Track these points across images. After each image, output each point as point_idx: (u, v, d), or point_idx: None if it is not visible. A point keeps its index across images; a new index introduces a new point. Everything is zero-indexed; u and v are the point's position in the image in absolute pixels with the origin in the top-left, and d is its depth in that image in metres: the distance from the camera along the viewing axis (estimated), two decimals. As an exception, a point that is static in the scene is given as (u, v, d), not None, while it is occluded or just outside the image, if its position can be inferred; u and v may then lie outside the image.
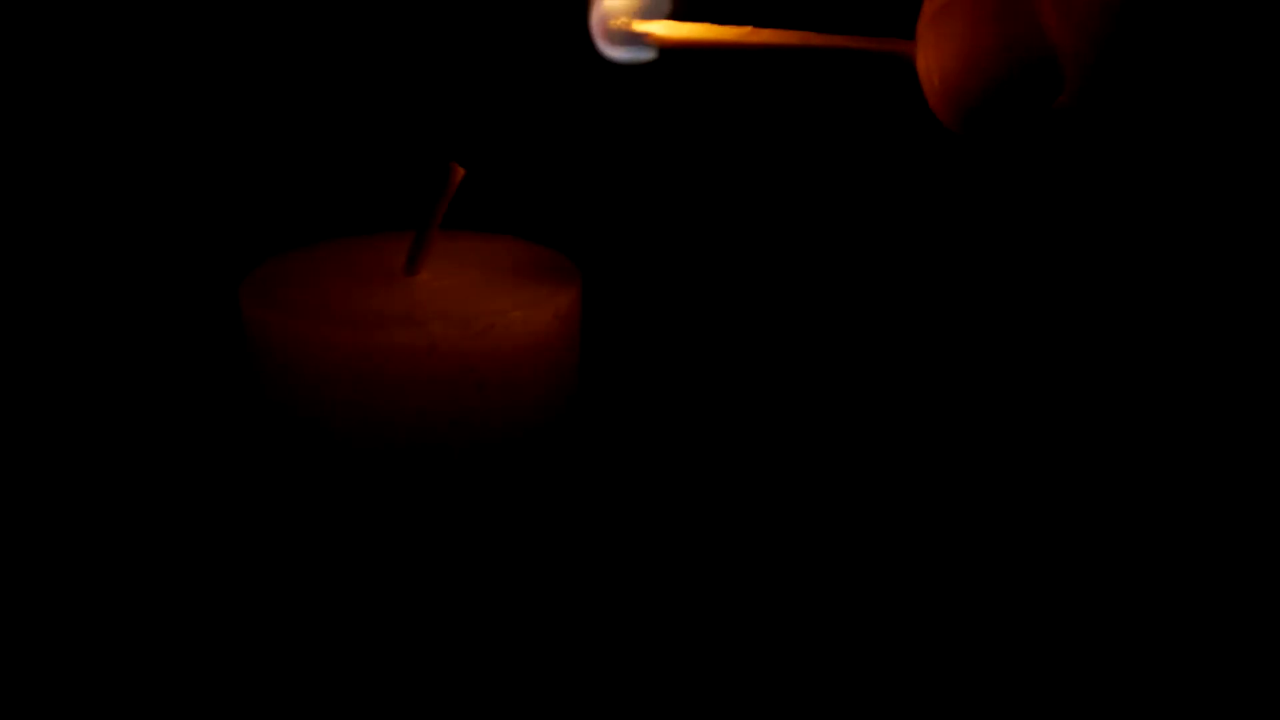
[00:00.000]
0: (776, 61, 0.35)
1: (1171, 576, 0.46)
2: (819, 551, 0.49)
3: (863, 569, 0.48)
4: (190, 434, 0.53)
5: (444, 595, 0.37)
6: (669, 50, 0.36)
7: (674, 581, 0.47)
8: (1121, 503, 0.50)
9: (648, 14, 0.36)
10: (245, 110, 0.58)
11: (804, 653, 0.44)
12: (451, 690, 0.38)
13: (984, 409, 0.55)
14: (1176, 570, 0.46)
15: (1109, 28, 0.27)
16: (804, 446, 0.54)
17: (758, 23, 0.35)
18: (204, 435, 0.52)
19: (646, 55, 0.37)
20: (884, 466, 0.53)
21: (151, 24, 0.57)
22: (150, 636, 0.44)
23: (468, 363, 0.35)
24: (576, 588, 0.41)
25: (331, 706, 0.38)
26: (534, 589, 0.38)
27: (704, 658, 0.44)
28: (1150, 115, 0.28)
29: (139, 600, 0.45)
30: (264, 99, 0.58)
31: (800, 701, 0.42)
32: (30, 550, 0.47)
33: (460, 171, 0.37)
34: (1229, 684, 0.42)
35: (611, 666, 0.43)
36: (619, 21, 0.36)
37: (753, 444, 0.55)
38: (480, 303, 0.36)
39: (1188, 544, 0.48)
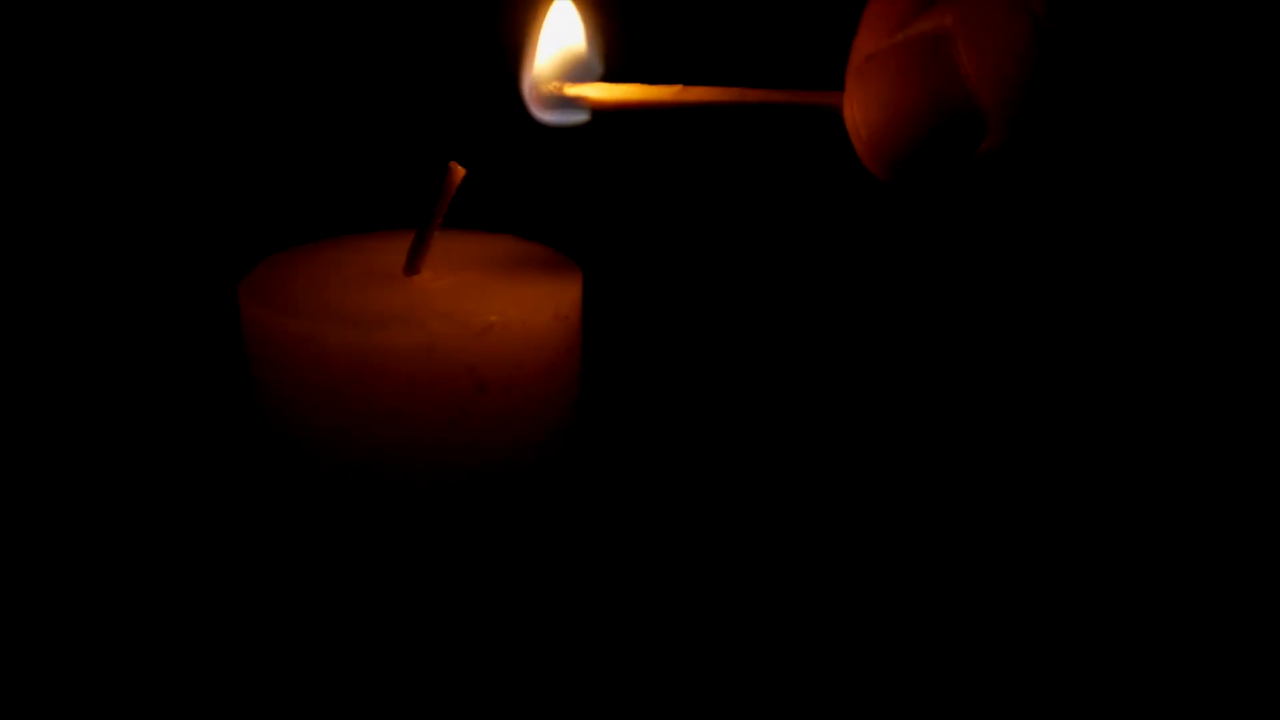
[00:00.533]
0: (710, 117, 0.35)
1: (1171, 577, 0.46)
2: (820, 554, 0.48)
3: (864, 572, 0.47)
4: (188, 433, 0.53)
5: (444, 597, 0.37)
6: (602, 112, 0.37)
7: (675, 582, 0.47)
8: (1119, 502, 0.50)
9: (579, 77, 0.37)
10: (245, 110, 0.58)
11: (805, 660, 0.44)
12: (449, 695, 0.38)
13: (985, 410, 0.55)
14: (1176, 570, 0.46)
15: (1026, 76, 0.28)
16: (805, 447, 0.54)
17: (687, 80, 0.36)
18: (202, 434, 0.52)
19: (579, 118, 0.37)
20: (882, 466, 0.53)
21: (151, 24, 0.57)
22: (144, 632, 0.43)
23: (468, 363, 0.35)
24: (576, 590, 0.41)
25: (329, 709, 0.38)
26: (534, 592, 0.38)
27: (703, 664, 0.44)
28: (1073, 157, 0.28)
29: (134, 596, 0.45)
30: (264, 99, 0.58)
31: (799, 708, 0.42)
32: (26, 542, 0.47)
33: (460, 171, 0.37)
34: (1229, 684, 0.42)
35: (610, 672, 0.43)
36: (550, 86, 0.37)
37: (755, 444, 0.55)
38: (480, 303, 0.36)
39: (1188, 544, 0.48)
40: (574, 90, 0.36)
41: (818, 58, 0.37)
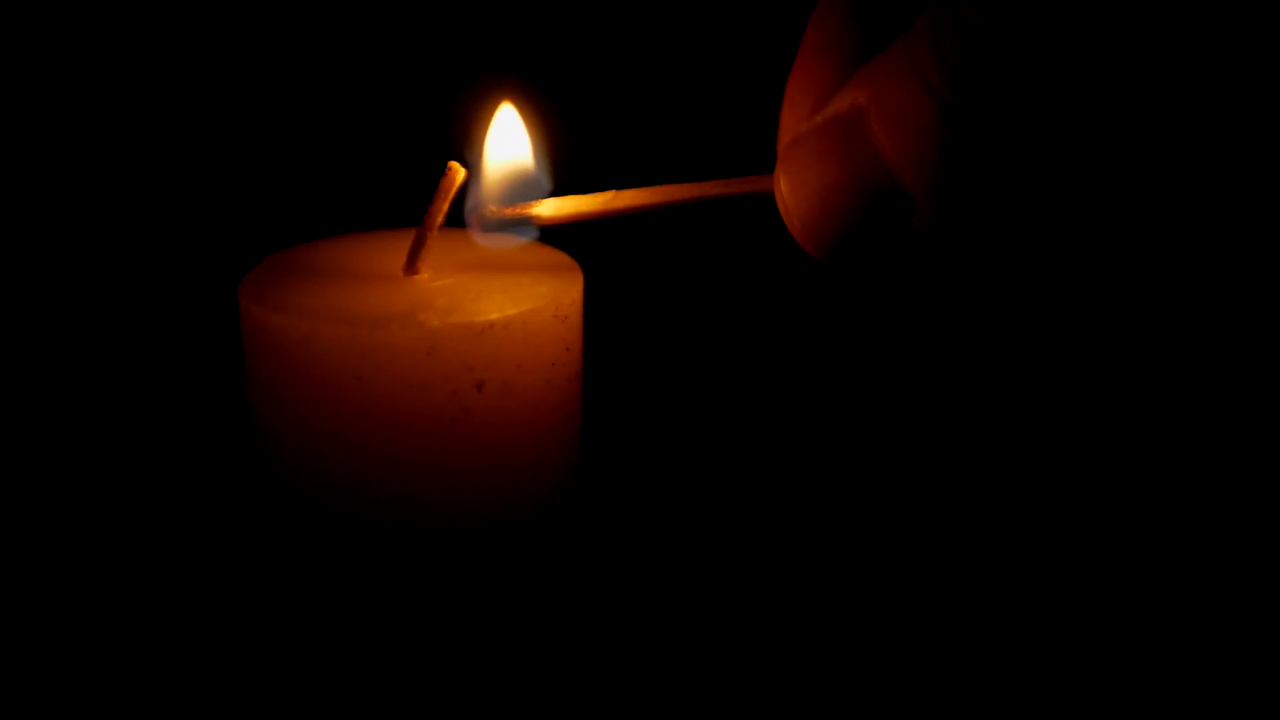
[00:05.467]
0: (644, 218, 0.36)
1: (1171, 577, 0.46)
2: (820, 554, 0.48)
3: (864, 572, 0.47)
4: (187, 433, 0.53)
5: (443, 594, 0.37)
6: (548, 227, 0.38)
7: (673, 582, 0.47)
8: (1118, 503, 0.50)
9: (528, 195, 0.38)
10: (245, 110, 0.58)
11: (803, 658, 0.44)
12: (449, 698, 0.38)
13: (984, 413, 0.55)
14: (1176, 570, 0.46)
15: (937, 152, 0.28)
16: (805, 447, 0.54)
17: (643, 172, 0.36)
18: (201, 433, 0.52)
19: (530, 235, 0.38)
20: (881, 464, 0.53)
21: (151, 24, 0.57)
22: (140, 626, 0.43)
23: (468, 363, 0.35)
24: (574, 591, 0.41)
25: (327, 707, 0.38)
26: (532, 590, 0.38)
27: (706, 670, 0.44)
28: (1000, 217, 0.29)
29: (132, 596, 0.45)
30: (264, 99, 0.58)
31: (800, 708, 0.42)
32: (25, 543, 0.47)
33: (460, 171, 0.37)
34: (1229, 684, 0.42)
35: (611, 676, 0.43)
36: (491, 210, 0.37)
37: (755, 444, 0.55)
38: (480, 302, 0.36)
39: (1188, 544, 0.48)
40: (522, 211, 0.37)
41: (764, 132, 0.37)
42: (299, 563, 0.37)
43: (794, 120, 0.33)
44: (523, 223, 0.38)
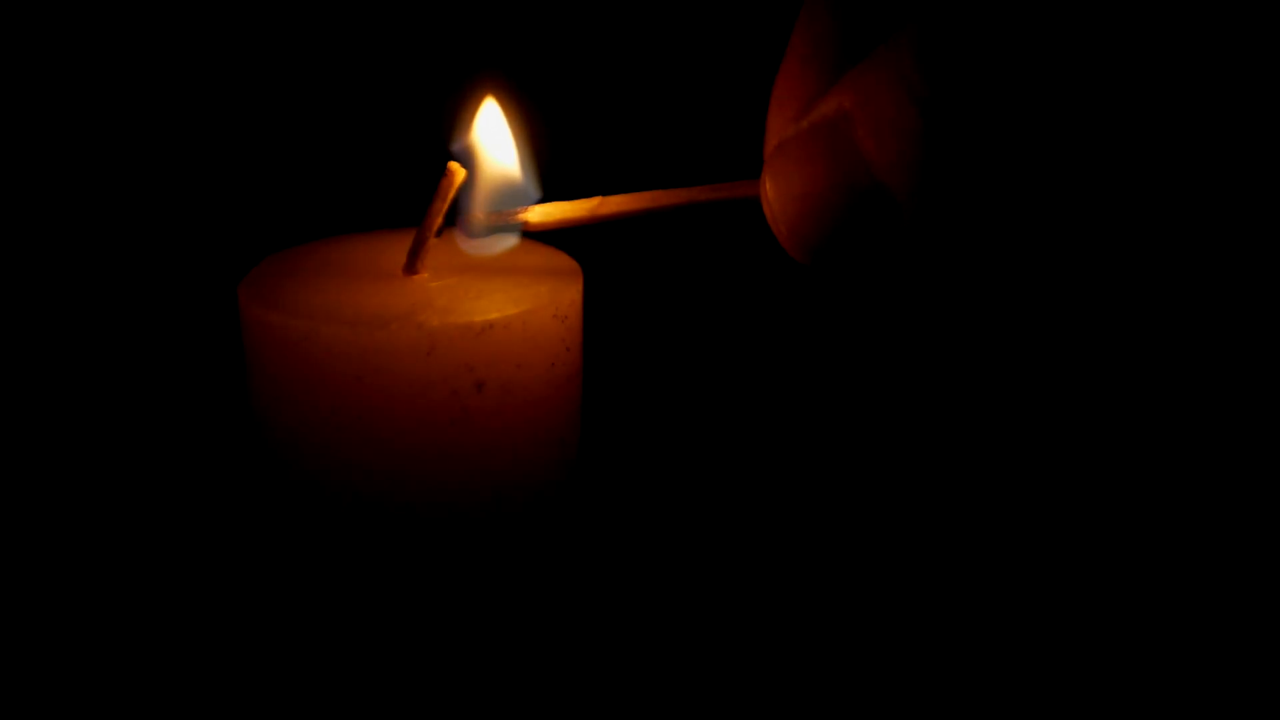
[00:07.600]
0: (637, 222, 0.36)
1: (1172, 577, 0.46)
2: (820, 552, 0.48)
3: (865, 572, 0.47)
4: (187, 433, 0.53)
5: (441, 594, 0.37)
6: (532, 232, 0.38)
7: (671, 582, 0.47)
8: (1117, 503, 0.50)
9: (514, 202, 0.38)
10: (245, 110, 0.58)
11: (801, 658, 0.44)
12: (450, 695, 0.38)
13: (985, 414, 0.55)
14: (1176, 570, 0.46)
15: (919, 154, 0.28)
16: (806, 447, 0.54)
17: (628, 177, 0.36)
18: (201, 433, 0.52)
19: (511, 238, 0.39)
20: (880, 463, 0.53)
21: (151, 24, 0.57)
22: (142, 626, 0.43)
23: (468, 363, 0.35)
24: (573, 590, 0.41)
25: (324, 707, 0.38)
26: (530, 589, 0.38)
27: (708, 669, 0.44)
28: (985, 221, 0.29)
29: (130, 598, 0.45)
30: (264, 99, 0.58)
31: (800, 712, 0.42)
32: (26, 547, 0.47)
33: (460, 171, 0.37)
34: (1229, 684, 0.42)
35: (613, 677, 0.43)
36: (478, 216, 0.38)
37: (756, 444, 0.55)
38: (480, 303, 0.36)
39: (1188, 544, 0.48)
40: (509, 217, 0.38)
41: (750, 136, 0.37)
42: (300, 560, 0.37)
43: (780, 125, 0.33)
44: (510, 229, 0.38)
